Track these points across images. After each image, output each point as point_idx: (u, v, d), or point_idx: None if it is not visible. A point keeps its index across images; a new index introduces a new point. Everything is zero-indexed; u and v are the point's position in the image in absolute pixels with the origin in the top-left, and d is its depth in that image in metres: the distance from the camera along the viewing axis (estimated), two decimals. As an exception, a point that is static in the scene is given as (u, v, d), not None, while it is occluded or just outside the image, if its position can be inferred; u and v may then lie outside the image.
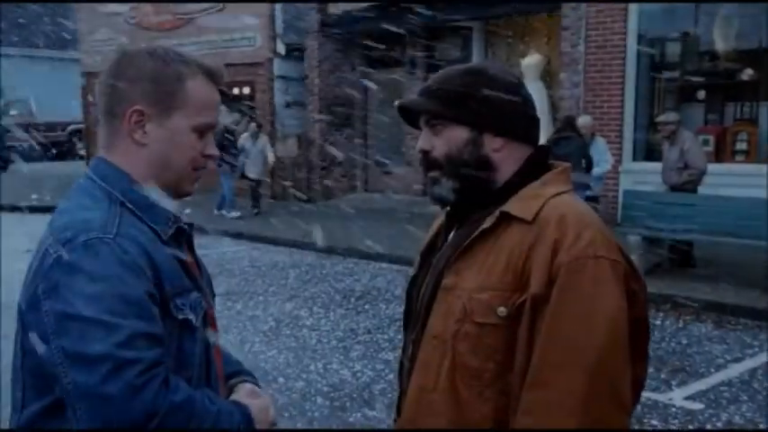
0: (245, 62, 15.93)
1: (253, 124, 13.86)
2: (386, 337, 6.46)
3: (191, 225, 1.59)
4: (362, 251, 10.28)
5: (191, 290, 1.44)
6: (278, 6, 15.48)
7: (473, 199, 1.58)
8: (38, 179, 18.38)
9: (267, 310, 7.40)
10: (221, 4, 16.45)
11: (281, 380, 5.39)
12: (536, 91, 12.38)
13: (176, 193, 1.51)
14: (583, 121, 9.13)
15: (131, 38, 18.56)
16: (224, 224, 12.43)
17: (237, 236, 11.83)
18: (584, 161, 8.51)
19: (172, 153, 1.46)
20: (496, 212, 1.50)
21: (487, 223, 1.50)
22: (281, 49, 15.56)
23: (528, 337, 1.42)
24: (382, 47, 14.65)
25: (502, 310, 1.45)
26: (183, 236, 1.51)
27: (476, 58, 13.46)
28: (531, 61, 12.48)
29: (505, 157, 1.56)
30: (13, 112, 26.07)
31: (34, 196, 15.38)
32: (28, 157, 24.45)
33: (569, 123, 8.79)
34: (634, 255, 8.14)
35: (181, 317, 1.39)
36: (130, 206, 1.42)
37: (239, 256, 10.45)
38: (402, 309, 1.72)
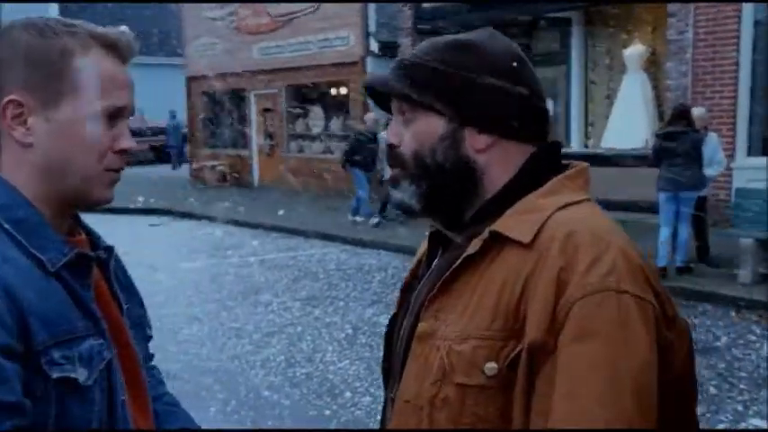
0: (340, 62, 15.83)
1: None
2: (465, 348, 6.04)
3: (109, 249, 1.28)
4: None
5: (85, 336, 1.12)
6: (371, 3, 15.27)
7: (449, 211, 1.20)
8: (143, 182, 18.91)
9: (346, 317, 7.13)
10: (316, 5, 16.41)
11: (347, 394, 5.09)
12: (639, 83, 11.63)
13: (87, 202, 1.20)
14: (697, 113, 8.25)
15: (231, 41, 18.88)
16: (315, 226, 12.29)
17: (325, 237, 11.66)
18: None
19: (68, 152, 1.14)
20: (485, 232, 1.12)
21: (473, 248, 1.12)
22: (374, 47, 15.33)
23: (526, 403, 1.04)
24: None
25: (491, 367, 1.06)
26: (88, 264, 1.19)
27: (575, 51, 12.78)
28: (633, 51, 11.70)
29: (495, 160, 1.18)
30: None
31: (140, 198, 15.87)
32: (140, 160, 25.44)
33: (683, 114, 7.96)
34: (748, 260, 7.39)
35: (56, 375, 1.07)
36: (7, 227, 1.11)
37: (327, 259, 10.26)
38: None
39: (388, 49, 15.17)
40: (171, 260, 10.19)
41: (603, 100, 12.73)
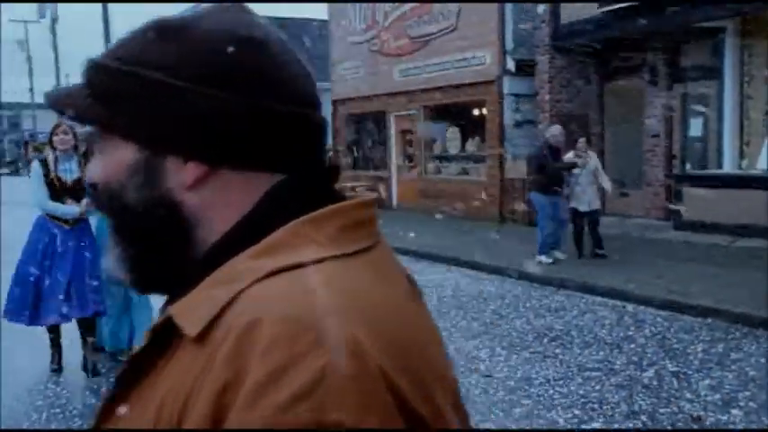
0: (476, 82, 15.46)
1: (582, 139, 10.50)
2: (563, 390, 5.47)
3: None
4: (578, 282, 9.20)
5: None
6: (508, 20, 14.80)
7: (165, 281, 0.82)
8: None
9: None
10: (454, 24, 16.17)
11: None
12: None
13: None
14: None
15: (373, 64, 19.05)
16: (442, 250, 11.93)
17: (449, 261, 11.27)
18: None
19: None
20: (163, 315, 0.74)
21: (145, 339, 0.75)
22: (510, 65, 14.83)
23: None
24: (619, 55, 13.34)
25: None
26: None
27: (728, 63, 11.66)
28: (795, 61, 10.48)
29: (213, 199, 0.78)
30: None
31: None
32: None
33: None
34: None
35: None
36: None
37: (445, 284, 9.86)
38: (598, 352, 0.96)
39: (525, 68, 14.64)
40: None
41: (761, 117, 11.50)
